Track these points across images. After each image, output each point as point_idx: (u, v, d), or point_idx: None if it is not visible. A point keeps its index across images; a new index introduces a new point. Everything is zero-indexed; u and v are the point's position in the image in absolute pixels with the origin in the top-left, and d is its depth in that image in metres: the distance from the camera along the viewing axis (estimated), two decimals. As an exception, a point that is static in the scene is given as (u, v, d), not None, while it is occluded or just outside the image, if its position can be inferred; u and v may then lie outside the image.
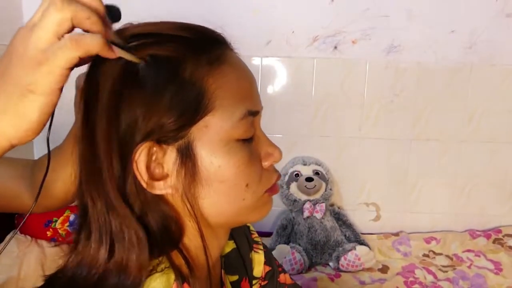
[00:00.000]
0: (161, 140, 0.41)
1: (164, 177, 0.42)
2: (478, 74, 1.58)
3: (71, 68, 0.37)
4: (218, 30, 0.47)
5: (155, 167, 0.42)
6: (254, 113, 0.45)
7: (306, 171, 1.58)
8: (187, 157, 0.42)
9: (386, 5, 1.54)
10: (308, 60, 1.58)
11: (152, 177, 0.42)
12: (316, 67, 1.59)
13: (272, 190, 0.49)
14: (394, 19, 1.54)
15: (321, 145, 1.64)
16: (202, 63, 0.42)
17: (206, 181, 0.43)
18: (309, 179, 1.53)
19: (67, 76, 0.37)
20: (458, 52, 1.57)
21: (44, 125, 0.39)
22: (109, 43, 0.37)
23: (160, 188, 0.42)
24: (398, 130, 1.62)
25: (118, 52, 0.38)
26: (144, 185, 0.41)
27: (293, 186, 1.56)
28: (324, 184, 1.56)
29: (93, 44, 0.35)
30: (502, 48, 1.56)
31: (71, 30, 0.36)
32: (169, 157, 0.42)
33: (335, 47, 1.57)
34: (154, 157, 0.41)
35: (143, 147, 0.40)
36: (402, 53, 1.57)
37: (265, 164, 0.48)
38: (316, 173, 1.58)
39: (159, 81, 0.40)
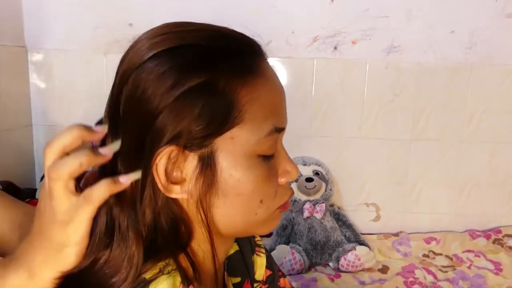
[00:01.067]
0: (185, 145, 0.41)
1: (181, 182, 0.42)
2: (478, 74, 1.58)
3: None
4: (253, 38, 0.46)
5: (173, 170, 0.42)
6: (280, 130, 0.45)
7: (306, 172, 1.58)
8: (208, 166, 0.42)
9: (386, 5, 1.53)
10: (308, 60, 1.58)
11: (169, 180, 0.42)
12: (316, 67, 1.59)
13: (284, 207, 0.48)
14: (394, 19, 1.54)
15: (321, 145, 1.64)
16: (237, 74, 0.42)
17: (223, 192, 0.43)
18: (309, 180, 1.53)
19: (91, 222, 0.41)
20: (458, 52, 1.56)
21: (81, 259, 0.43)
22: (116, 178, 0.40)
23: (177, 192, 0.42)
24: (398, 130, 1.62)
25: (129, 179, 0.41)
26: (161, 188, 0.42)
27: (293, 186, 1.56)
28: (324, 185, 1.56)
29: (103, 194, 0.40)
30: (502, 48, 1.56)
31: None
32: (190, 164, 0.42)
33: (335, 48, 1.57)
34: (174, 161, 0.41)
35: (166, 151, 0.41)
36: (402, 53, 1.57)
37: (281, 181, 0.47)
38: (316, 173, 1.58)
39: (192, 89, 0.40)
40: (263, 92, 0.43)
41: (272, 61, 1.75)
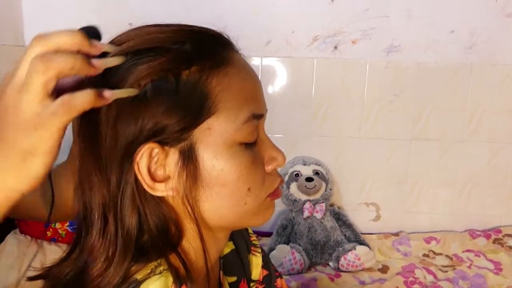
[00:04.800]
0: (164, 141, 0.41)
1: (165, 179, 0.42)
2: (478, 74, 1.58)
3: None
4: (221, 32, 0.46)
5: (156, 169, 0.42)
6: (258, 116, 0.45)
7: (306, 171, 1.58)
8: (189, 159, 0.42)
9: (386, 5, 1.53)
10: (308, 60, 1.58)
11: (154, 179, 0.42)
12: (316, 67, 1.59)
13: (275, 194, 0.48)
14: (394, 19, 1.54)
15: (321, 145, 1.64)
16: (206, 65, 0.42)
17: (208, 184, 0.43)
18: (309, 179, 1.53)
19: (64, 132, 0.37)
20: (458, 52, 1.56)
21: (48, 171, 0.39)
22: (100, 90, 0.37)
23: (161, 190, 0.42)
24: (398, 130, 1.62)
25: (113, 95, 0.38)
26: (145, 186, 0.41)
27: (293, 186, 1.56)
28: (324, 184, 1.56)
29: (85, 103, 0.36)
30: (502, 48, 1.56)
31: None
32: (171, 159, 0.42)
33: (335, 47, 1.57)
34: (156, 159, 0.41)
35: (145, 149, 0.40)
36: (402, 53, 1.57)
37: (268, 168, 0.47)
38: (316, 173, 1.58)
39: (162, 84, 0.40)
40: (235, 81, 0.43)
41: (272, 61, 1.75)
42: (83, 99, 0.36)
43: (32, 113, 0.35)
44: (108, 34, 0.44)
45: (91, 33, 0.39)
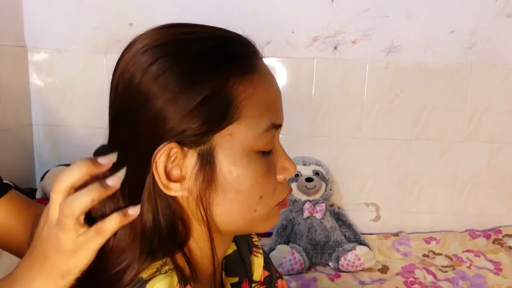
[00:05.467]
0: (184, 143, 0.41)
1: (180, 180, 0.43)
2: (478, 74, 1.58)
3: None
4: (249, 37, 0.47)
5: (172, 168, 0.42)
6: (277, 126, 0.45)
7: (306, 171, 1.58)
8: (207, 162, 0.42)
9: (386, 5, 1.53)
10: (308, 60, 1.58)
11: (168, 178, 0.42)
12: (316, 67, 1.59)
13: (283, 203, 0.49)
14: (394, 19, 1.54)
15: (321, 145, 1.64)
16: (233, 72, 0.42)
17: (222, 188, 0.43)
18: (309, 179, 1.53)
19: (98, 250, 0.42)
20: (458, 52, 1.57)
21: None
22: (124, 210, 0.42)
23: (176, 190, 0.42)
24: (398, 130, 1.62)
25: (138, 210, 0.42)
26: (160, 185, 0.42)
27: (293, 186, 1.56)
28: (324, 184, 1.56)
29: (114, 226, 0.41)
30: (502, 48, 1.56)
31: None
32: (189, 161, 0.42)
33: (335, 47, 1.57)
34: (173, 159, 0.42)
35: (165, 149, 0.41)
36: (402, 53, 1.57)
37: (280, 177, 0.47)
38: (316, 173, 1.58)
39: (190, 88, 0.41)
40: (260, 89, 0.44)
41: (272, 61, 1.75)
42: (111, 224, 0.41)
43: (70, 242, 0.41)
44: (108, 34, 0.44)
45: (97, 153, 0.43)
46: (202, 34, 0.44)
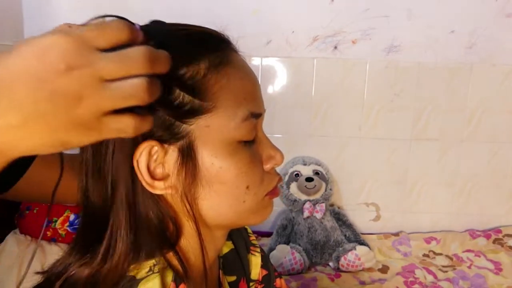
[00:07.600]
0: (163, 139, 0.41)
1: (164, 177, 0.42)
2: (478, 74, 1.58)
3: None
4: (221, 31, 0.47)
5: (155, 167, 0.42)
6: (256, 115, 0.45)
7: (306, 171, 1.58)
8: (188, 157, 0.42)
9: (386, 5, 1.53)
10: (308, 60, 1.58)
11: (153, 177, 0.42)
12: (316, 67, 1.59)
13: (273, 193, 0.49)
14: (394, 19, 1.54)
15: (321, 145, 1.64)
16: (204, 64, 0.42)
17: (207, 182, 0.43)
18: (309, 179, 1.53)
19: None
20: (458, 52, 1.56)
21: None
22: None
23: (161, 188, 0.42)
24: (398, 130, 1.62)
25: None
26: (145, 184, 0.42)
27: (293, 186, 1.56)
28: (324, 184, 1.56)
29: (147, 129, 0.36)
30: (502, 48, 1.56)
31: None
32: (171, 157, 0.42)
33: (335, 47, 1.57)
34: (155, 157, 0.42)
35: (144, 146, 0.41)
36: (402, 53, 1.57)
37: (267, 167, 0.48)
38: (316, 173, 1.58)
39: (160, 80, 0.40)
40: (234, 80, 0.44)
41: (272, 61, 1.75)
42: (146, 126, 0.36)
43: (94, 117, 0.33)
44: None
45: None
46: (177, 29, 0.44)
